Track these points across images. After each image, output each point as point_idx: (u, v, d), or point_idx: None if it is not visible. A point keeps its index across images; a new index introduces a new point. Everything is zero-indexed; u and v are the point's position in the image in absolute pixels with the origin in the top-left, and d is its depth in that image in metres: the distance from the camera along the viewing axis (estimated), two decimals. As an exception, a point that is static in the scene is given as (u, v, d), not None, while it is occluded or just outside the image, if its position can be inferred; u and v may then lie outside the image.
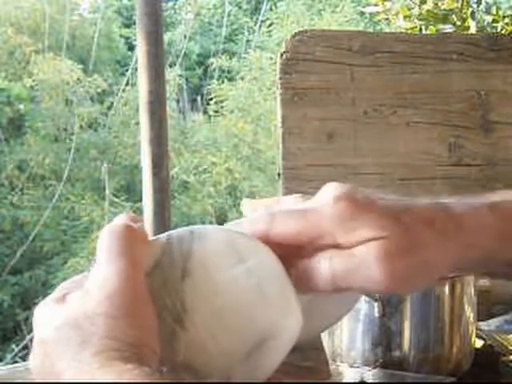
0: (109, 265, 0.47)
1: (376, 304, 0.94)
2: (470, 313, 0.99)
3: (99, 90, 8.72)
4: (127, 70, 8.98)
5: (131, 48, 9.57)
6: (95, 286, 0.46)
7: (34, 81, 8.38)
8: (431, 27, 2.50)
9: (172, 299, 0.47)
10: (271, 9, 9.96)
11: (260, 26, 9.99)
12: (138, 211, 7.50)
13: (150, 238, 0.50)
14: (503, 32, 2.48)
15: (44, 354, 0.46)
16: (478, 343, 1.05)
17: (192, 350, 0.47)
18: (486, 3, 2.59)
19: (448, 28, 2.47)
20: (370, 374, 0.92)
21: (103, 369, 0.42)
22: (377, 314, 0.95)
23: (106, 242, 0.48)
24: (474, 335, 1.01)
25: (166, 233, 0.49)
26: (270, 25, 9.76)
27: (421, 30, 2.53)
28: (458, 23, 2.50)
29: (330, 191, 0.51)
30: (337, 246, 0.50)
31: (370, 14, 5.84)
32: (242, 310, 0.47)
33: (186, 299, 0.47)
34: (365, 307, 0.95)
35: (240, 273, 0.47)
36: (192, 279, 0.47)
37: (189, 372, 0.46)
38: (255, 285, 0.47)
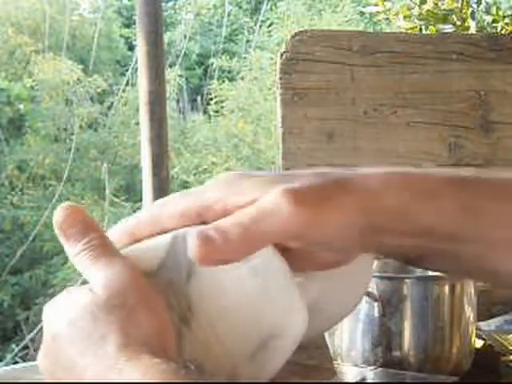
0: (107, 268, 0.46)
1: (376, 304, 0.94)
2: (469, 313, 0.99)
3: (99, 90, 8.72)
4: (127, 70, 8.97)
5: (131, 48, 9.57)
6: (101, 285, 0.46)
7: (34, 81, 8.38)
8: (431, 27, 2.50)
9: (177, 299, 0.47)
10: (271, 9, 9.96)
11: (260, 26, 9.99)
12: (138, 211, 7.48)
13: (154, 238, 0.50)
14: (503, 32, 2.48)
15: (58, 350, 0.44)
16: (478, 343, 1.05)
17: (197, 350, 0.47)
18: (486, 3, 2.59)
19: (448, 28, 2.47)
20: (371, 374, 0.92)
21: (131, 363, 0.41)
22: (377, 314, 0.95)
23: (89, 256, 0.48)
24: (473, 335, 1.01)
25: (170, 233, 0.49)
26: (270, 25, 9.75)
27: (421, 30, 2.53)
28: (458, 23, 2.50)
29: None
30: (228, 213, 0.47)
31: (370, 13, 5.85)
32: (246, 309, 0.47)
33: (192, 299, 0.47)
34: (365, 307, 0.95)
35: (245, 272, 0.47)
36: (197, 279, 0.47)
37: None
38: (260, 284, 0.47)
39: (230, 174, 0.50)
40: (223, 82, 9.00)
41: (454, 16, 2.51)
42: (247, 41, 10.02)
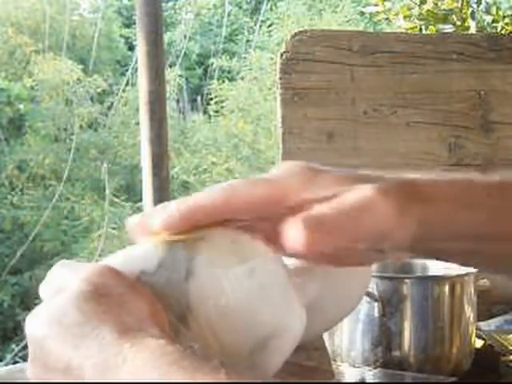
0: (81, 271, 0.46)
1: (376, 304, 0.94)
2: (469, 313, 0.99)
3: (99, 90, 8.72)
4: (127, 70, 8.97)
5: (131, 48, 9.58)
6: (81, 280, 0.45)
7: (34, 81, 8.38)
8: (431, 27, 2.50)
9: (176, 298, 0.47)
10: (271, 9, 9.95)
11: (260, 26, 9.99)
12: (138, 211, 7.49)
13: (153, 238, 0.50)
14: (503, 32, 2.48)
15: (48, 353, 0.43)
16: (478, 343, 1.05)
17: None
18: (486, 3, 2.59)
19: (448, 28, 2.47)
20: (370, 374, 0.92)
21: (134, 348, 0.40)
22: (377, 314, 0.95)
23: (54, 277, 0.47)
24: (473, 335, 1.01)
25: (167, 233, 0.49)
26: (270, 25, 9.75)
27: (421, 30, 2.53)
28: (458, 23, 2.50)
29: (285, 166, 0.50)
30: (304, 204, 0.47)
31: (370, 13, 5.84)
32: (245, 309, 0.47)
33: (190, 299, 0.47)
34: (365, 307, 0.95)
35: (243, 272, 0.47)
36: (196, 279, 0.47)
37: None
38: (258, 284, 0.47)
39: (298, 165, 0.50)
40: (223, 82, 9.00)
41: (453, 16, 2.51)
42: (247, 41, 10.02)
